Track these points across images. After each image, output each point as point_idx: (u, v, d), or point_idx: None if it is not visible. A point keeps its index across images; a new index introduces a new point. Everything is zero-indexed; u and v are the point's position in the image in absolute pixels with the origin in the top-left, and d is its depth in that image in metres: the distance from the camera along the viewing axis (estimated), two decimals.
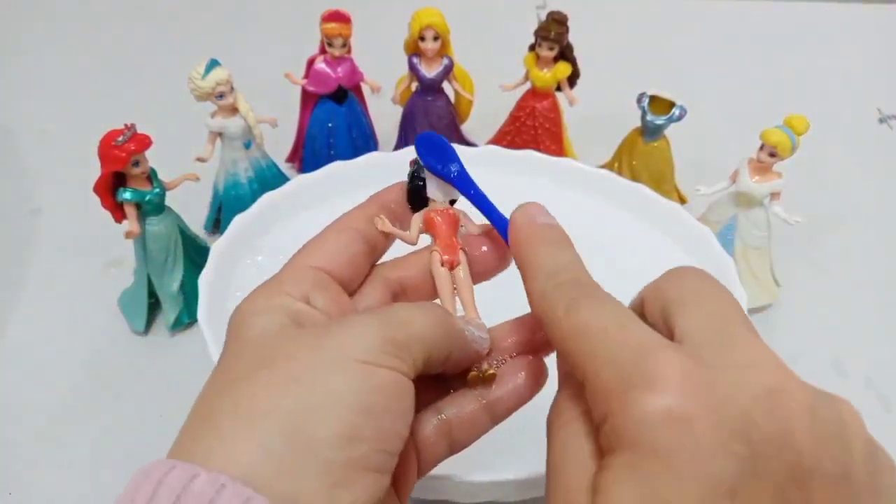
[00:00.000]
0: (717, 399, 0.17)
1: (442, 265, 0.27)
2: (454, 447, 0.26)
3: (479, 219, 0.28)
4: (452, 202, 0.28)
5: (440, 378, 0.26)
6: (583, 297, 0.21)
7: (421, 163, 0.27)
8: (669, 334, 0.20)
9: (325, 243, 0.26)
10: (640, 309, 0.23)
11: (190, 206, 0.51)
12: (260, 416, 0.20)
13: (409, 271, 0.27)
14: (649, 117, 0.53)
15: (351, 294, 0.26)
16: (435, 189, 0.27)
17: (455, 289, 0.27)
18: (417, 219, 0.28)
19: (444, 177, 0.27)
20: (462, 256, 0.27)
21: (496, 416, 0.26)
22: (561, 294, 0.21)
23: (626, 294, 0.49)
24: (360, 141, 0.60)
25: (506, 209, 0.27)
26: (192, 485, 0.18)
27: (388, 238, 0.27)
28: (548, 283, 0.22)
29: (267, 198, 0.48)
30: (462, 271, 0.27)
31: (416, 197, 0.28)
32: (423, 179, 0.27)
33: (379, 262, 0.28)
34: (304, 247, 0.26)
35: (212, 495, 0.18)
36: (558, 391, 0.23)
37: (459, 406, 0.26)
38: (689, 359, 0.18)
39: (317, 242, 0.26)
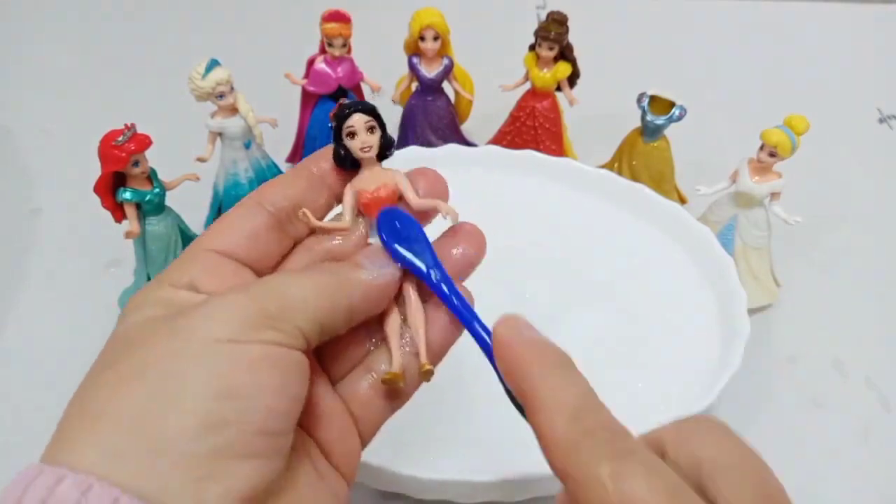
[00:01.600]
0: None
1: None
2: (394, 403, 0.25)
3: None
4: (384, 155, 0.26)
5: (365, 329, 0.25)
6: (626, 457, 0.18)
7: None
8: (703, 497, 0.19)
9: (222, 223, 0.24)
10: (659, 452, 0.20)
11: (190, 206, 0.51)
12: (100, 417, 0.19)
13: (342, 240, 0.25)
14: (649, 117, 0.53)
15: (262, 273, 0.24)
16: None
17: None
18: (349, 197, 0.25)
19: (419, 276, 0.24)
20: None
21: (432, 357, 0.24)
22: (596, 448, 0.18)
23: (625, 294, 0.49)
24: None
25: (506, 209, 0.27)
26: (57, 488, 0.17)
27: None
28: (573, 429, 0.19)
29: None
30: None
31: (342, 160, 0.25)
32: (345, 141, 0.25)
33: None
34: (204, 231, 0.24)
35: (77, 497, 0.17)
36: None
37: (388, 358, 0.24)
38: None
39: (216, 224, 0.24)
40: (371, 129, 0.25)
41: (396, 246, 0.24)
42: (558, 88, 0.57)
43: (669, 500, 0.17)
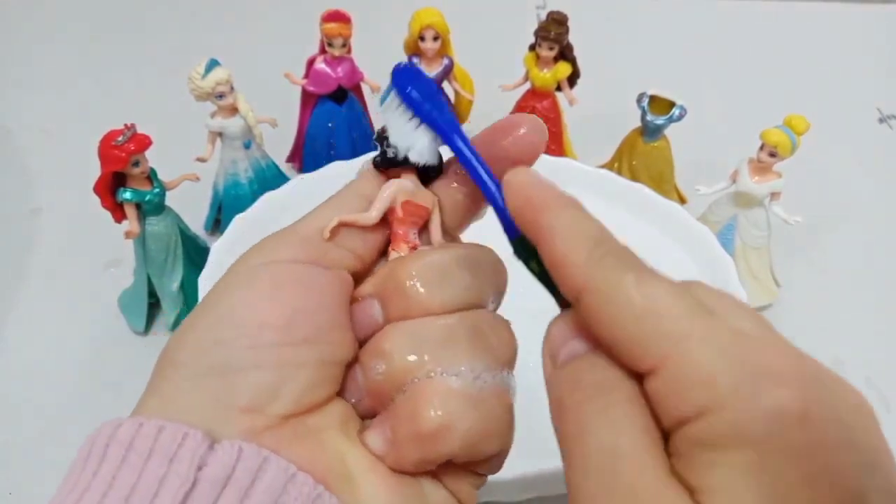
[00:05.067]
0: (833, 403, 0.16)
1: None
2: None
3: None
4: (427, 173, 0.24)
5: None
6: (649, 272, 0.19)
7: (401, 98, 0.24)
8: None
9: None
10: None
11: (190, 206, 0.51)
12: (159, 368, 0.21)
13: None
14: (649, 117, 0.53)
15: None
16: (405, 139, 0.24)
17: None
18: (385, 194, 0.23)
19: (432, 123, 0.23)
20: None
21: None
22: (619, 263, 0.19)
23: None
24: (360, 141, 0.60)
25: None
26: (118, 431, 0.19)
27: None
28: (596, 251, 0.19)
29: (267, 198, 0.48)
30: None
31: (387, 160, 0.24)
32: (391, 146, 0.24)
33: None
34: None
35: (133, 432, 0.19)
36: (589, 365, 0.19)
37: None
38: (800, 354, 0.17)
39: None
40: None
41: (414, 94, 0.23)
42: (558, 88, 0.57)
43: (689, 310, 0.17)
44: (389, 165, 0.24)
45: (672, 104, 0.53)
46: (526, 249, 0.21)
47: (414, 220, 0.24)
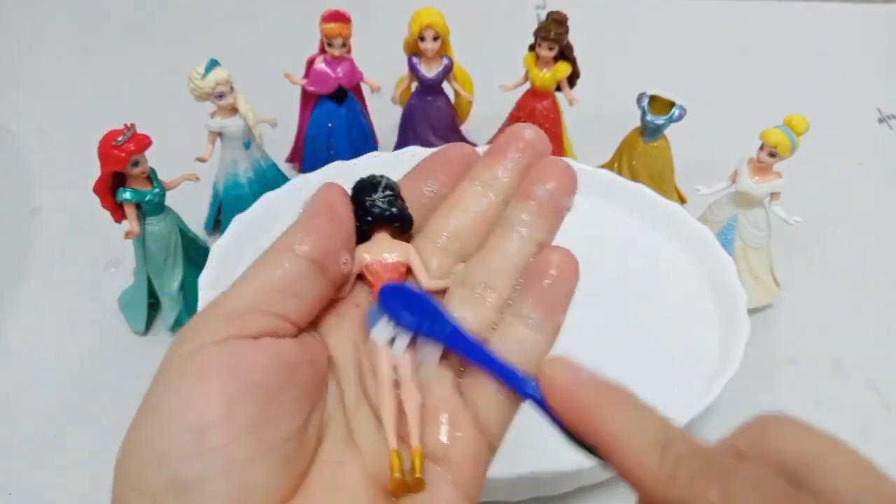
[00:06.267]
0: None
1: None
2: None
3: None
4: (402, 227, 0.24)
5: None
6: (729, 476, 0.17)
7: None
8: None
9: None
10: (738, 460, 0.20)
11: (190, 206, 0.51)
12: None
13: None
14: (649, 117, 0.53)
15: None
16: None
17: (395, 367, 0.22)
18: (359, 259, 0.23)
19: (436, 338, 0.22)
20: None
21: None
22: (696, 474, 0.18)
23: (625, 294, 0.49)
24: (360, 141, 0.60)
25: None
26: None
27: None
28: (666, 462, 0.18)
29: (267, 198, 0.49)
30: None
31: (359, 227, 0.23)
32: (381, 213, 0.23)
33: None
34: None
35: None
36: None
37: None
38: None
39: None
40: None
41: (409, 318, 0.22)
42: (558, 88, 0.57)
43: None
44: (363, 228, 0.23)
45: (672, 104, 0.53)
46: (581, 442, 0.21)
47: (390, 275, 0.23)
